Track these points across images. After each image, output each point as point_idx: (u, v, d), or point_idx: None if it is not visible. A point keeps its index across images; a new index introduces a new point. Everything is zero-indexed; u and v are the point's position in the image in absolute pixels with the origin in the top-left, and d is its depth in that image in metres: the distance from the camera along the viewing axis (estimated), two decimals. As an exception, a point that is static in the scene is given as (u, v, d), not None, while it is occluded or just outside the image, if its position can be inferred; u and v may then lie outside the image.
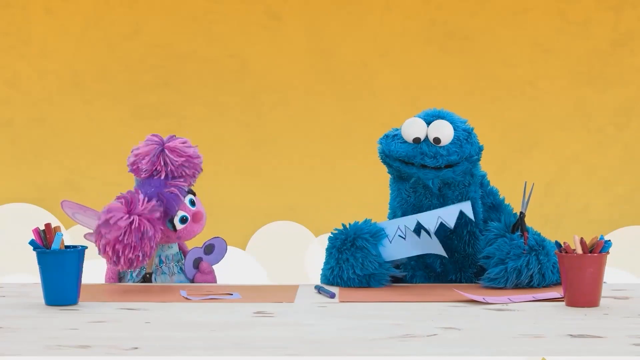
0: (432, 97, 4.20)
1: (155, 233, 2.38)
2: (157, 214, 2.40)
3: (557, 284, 2.34)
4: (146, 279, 2.51)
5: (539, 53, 4.22)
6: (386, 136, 2.46)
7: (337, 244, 2.41)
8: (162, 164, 2.46)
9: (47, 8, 4.22)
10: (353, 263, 2.38)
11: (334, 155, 4.23)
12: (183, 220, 2.47)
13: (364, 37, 4.23)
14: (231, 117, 4.23)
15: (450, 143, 2.40)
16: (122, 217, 2.35)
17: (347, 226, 2.43)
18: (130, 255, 2.35)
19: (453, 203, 2.44)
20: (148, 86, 4.22)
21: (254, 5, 4.23)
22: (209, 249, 2.57)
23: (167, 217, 2.45)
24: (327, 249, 2.44)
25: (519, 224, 2.38)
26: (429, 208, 2.45)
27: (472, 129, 2.45)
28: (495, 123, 4.19)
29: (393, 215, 2.52)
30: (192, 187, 2.54)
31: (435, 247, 2.40)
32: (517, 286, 2.34)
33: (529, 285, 2.35)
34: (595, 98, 4.22)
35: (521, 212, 2.39)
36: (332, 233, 2.44)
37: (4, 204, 4.23)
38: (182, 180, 2.48)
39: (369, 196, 3.75)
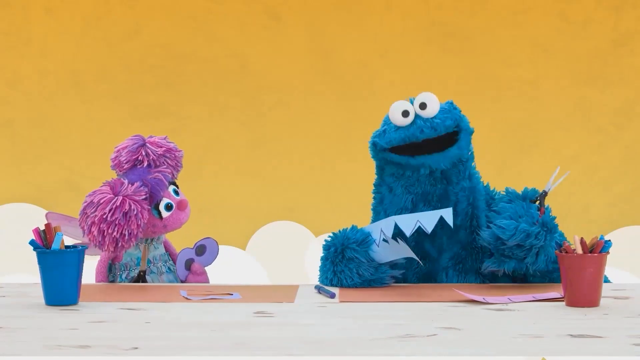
0: (432, 97, 4.20)
1: (142, 211, 2.42)
2: (143, 195, 2.44)
3: (544, 273, 2.34)
4: (140, 276, 2.51)
5: (539, 53, 4.22)
6: (375, 135, 2.46)
7: (330, 255, 2.40)
8: (144, 154, 2.51)
9: (47, 8, 4.22)
10: (348, 274, 2.38)
11: (334, 155, 4.23)
12: (168, 207, 2.49)
13: (364, 37, 4.23)
14: (231, 117, 4.23)
15: (439, 112, 2.40)
16: (106, 196, 2.40)
17: (338, 233, 2.42)
18: (115, 234, 2.38)
19: (457, 184, 2.44)
20: (148, 86, 4.22)
21: (254, 5, 4.23)
22: (200, 249, 2.57)
23: (153, 203, 2.47)
24: (322, 259, 2.43)
25: (538, 200, 2.38)
26: (435, 193, 2.44)
27: (452, 102, 2.46)
28: (495, 123, 4.19)
29: (382, 216, 2.50)
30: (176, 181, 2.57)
31: (405, 252, 2.37)
32: (513, 252, 2.32)
33: (522, 261, 2.32)
34: (595, 98, 4.22)
35: (544, 191, 2.39)
36: (325, 241, 2.43)
37: (4, 204, 4.23)
38: (165, 167, 2.51)
39: (369, 196, 3.74)
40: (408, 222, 2.35)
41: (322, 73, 4.23)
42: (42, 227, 2.18)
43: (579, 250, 2.10)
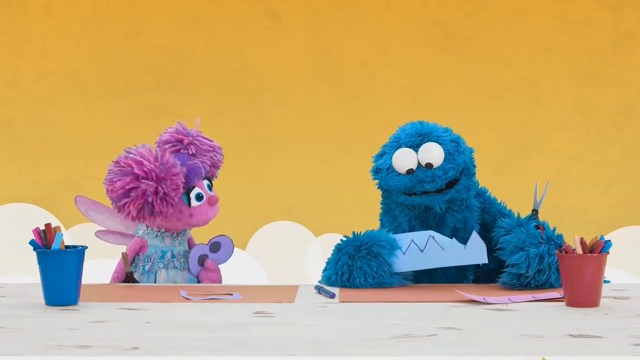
0: (432, 97, 4.20)
1: (179, 175, 2.43)
2: (181, 181, 2.46)
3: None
4: (128, 278, 2.51)
5: (539, 53, 4.22)
6: (378, 169, 2.46)
7: (349, 251, 2.39)
8: (189, 142, 2.54)
9: (47, 8, 4.22)
10: (367, 270, 2.36)
11: (334, 155, 4.23)
12: (199, 197, 2.50)
13: (364, 37, 4.23)
14: (231, 117, 4.23)
15: (443, 160, 2.40)
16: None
17: (359, 234, 2.41)
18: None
19: (457, 212, 2.44)
20: (148, 86, 4.22)
21: (254, 5, 4.23)
22: (214, 246, 2.57)
23: (185, 188, 2.48)
24: (335, 255, 2.42)
25: (531, 220, 2.38)
26: (433, 218, 2.45)
27: (458, 137, 2.45)
28: (495, 123, 4.19)
29: (387, 228, 2.51)
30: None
31: (427, 264, 2.39)
32: (537, 279, 2.31)
33: (547, 282, 2.31)
34: (595, 98, 4.22)
35: (534, 210, 2.39)
36: (341, 240, 2.43)
37: (4, 204, 4.23)
38: (206, 158, 2.54)
39: (369, 196, 3.72)
40: (444, 240, 2.37)
41: (322, 73, 4.23)
42: (42, 227, 2.18)
43: (579, 250, 2.10)
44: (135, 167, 2.42)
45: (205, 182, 2.54)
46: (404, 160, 2.42)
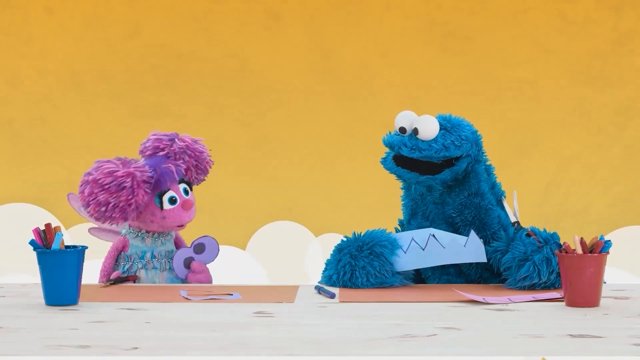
0: (432, 97, 4.20)
1: (137, 188, 2.44)
2: (147, 175, 2.46)
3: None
4: (124, 279, 2.51)
5: (539, 53, 4.22)
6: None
7: (351, 251, 2.39)
8: (167, 143, 2.55)
9: (47, 8, 4.22)
10: (369, 270, 2.36)
11: (334, 155, 4.23)
12: (172, 200, 2.50)
13: (364, 37, 4.23)
14: (231, 117, 4.23)
15: (434, 141, 2.38)
16: (110, 165, 2.46)
17: (361, 234, 2.41)
18: (101, 198, 2.43)
19: (458, 216, 2.44)
20: (148, 86, 4.22)
21: (254, 5, 4.23)
22: (199, 248, 2.57)
23: (158, 191, 2.48)
24: (336, 255, 2.41)
25: (516, 230, 2.39)
26: (426, 216, 2.46)
27: (470, 139, 2.42)
28: (495, 123, 4.19)
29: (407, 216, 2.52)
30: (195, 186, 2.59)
31: (429, 262, 2.39)
32: (547, 282, 2.31)
33: (555, 282, 2.31)
34: (595, 98, 4.22)
35: (515, 222, 2.39)
36: (342, 240, 2.42)
37: (4, 204, 4.23)
38: (182, 163, 2.53)
39: (368, 196, 3.74)
40: (443, 236, 2.37)
41: (322, 73, 4.23)
42: (42, 227, 2.18)
43: (579, 250, 2.10)
44: (95, 182, 2.47)
45: (182, 185, 2.53)
46: (401, 118, 2.42)
